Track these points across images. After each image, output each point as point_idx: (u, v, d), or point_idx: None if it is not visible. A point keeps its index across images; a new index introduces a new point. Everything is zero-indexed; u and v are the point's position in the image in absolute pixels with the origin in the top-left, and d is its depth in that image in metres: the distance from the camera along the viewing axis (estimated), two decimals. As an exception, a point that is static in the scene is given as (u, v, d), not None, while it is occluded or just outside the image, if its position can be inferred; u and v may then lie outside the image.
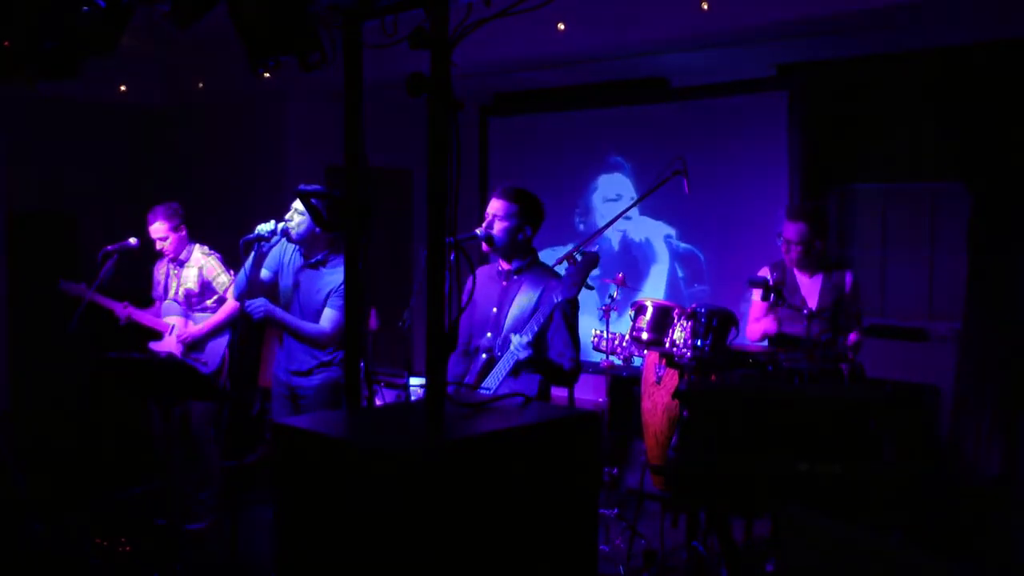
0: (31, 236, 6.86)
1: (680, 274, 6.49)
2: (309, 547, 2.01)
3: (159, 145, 7.63)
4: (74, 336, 4.48)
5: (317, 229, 3.93)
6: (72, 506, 4.94)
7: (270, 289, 4.10)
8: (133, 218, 5.09)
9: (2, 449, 4.80)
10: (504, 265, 3.55)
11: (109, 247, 4.66)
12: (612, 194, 6.78)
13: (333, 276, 4.01)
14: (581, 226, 6.91)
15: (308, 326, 4.01)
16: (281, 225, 3.88)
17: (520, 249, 3.51)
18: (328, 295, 4.01)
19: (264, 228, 3.84)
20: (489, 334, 3.49)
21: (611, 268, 5.92)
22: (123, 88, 6.70)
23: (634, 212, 6.11)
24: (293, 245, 4.08)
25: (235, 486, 5.06)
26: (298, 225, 3.93)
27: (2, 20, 2.88)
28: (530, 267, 3.52)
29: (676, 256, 6.50)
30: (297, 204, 3.93)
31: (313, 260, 4.04)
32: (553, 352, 3.43)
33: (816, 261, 4.33)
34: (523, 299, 3.44)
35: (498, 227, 3.43)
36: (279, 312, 4.01)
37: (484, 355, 3.47)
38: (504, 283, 3.53)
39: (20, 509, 4.69)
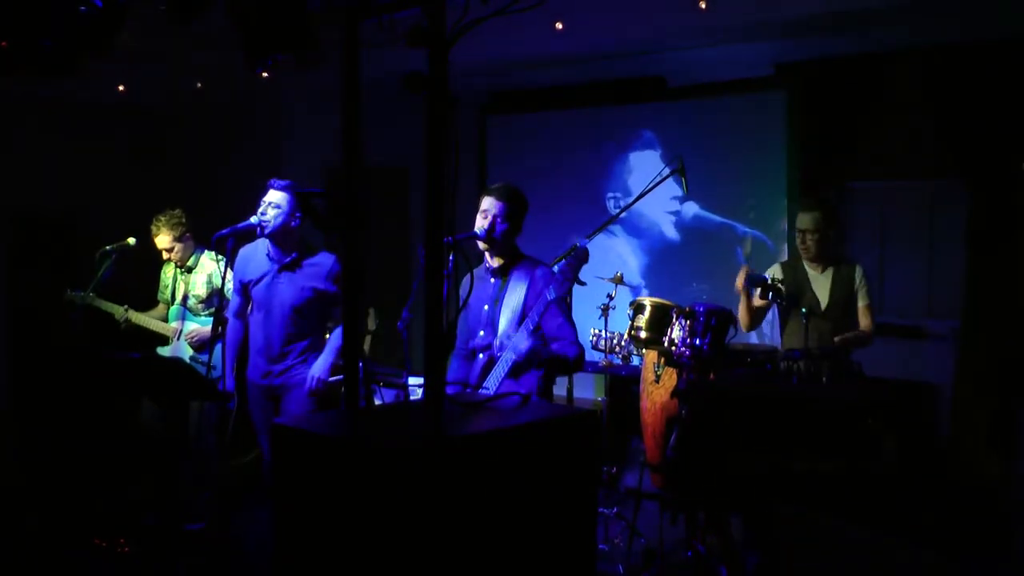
0: (31, 236, 6.87)
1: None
2: (308, 547, 2.01)
3: (158, 145, 7.62)
4: (74, 336, 4.47)
5: (292, 224, 3.91)
6: (72, 506, 4.94)
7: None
8: (132, 218, 5.08)
9: (3, 448, 4.81)
10: (495, 263, 3.53)
11: (107, 247, 4.65)
12: (611, 193, 6.78)
13: (313, 274, 3.96)
14: (580, 224, 6.91)
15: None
16: (255, 219, 3.83)
17: (513, 246, 3.52)
18: (324, 293, 3.95)
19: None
20: (482, 332, 3.47)
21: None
22: (122, 88, 6.69)
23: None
24: (264, 254, 4.03)
25: (235, 486, 5.06)
26: (272, 219, 3.87)
27: (0, 19, 2.89)
28: (518, 262, 3.51)
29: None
30: (268, 197, 3.90)
31: (288, 260, 3.97)
32: (548, 338, 3.42)
33: (828, 254, 4.38)
34: (514, 296, 3.43)
35: (499, 227, 3.42)
36: (327, 363, 3.97)
37: (481, 355, 3.46)
38: (493, 280, 3.52)
39: (20, 508, 4.70)
